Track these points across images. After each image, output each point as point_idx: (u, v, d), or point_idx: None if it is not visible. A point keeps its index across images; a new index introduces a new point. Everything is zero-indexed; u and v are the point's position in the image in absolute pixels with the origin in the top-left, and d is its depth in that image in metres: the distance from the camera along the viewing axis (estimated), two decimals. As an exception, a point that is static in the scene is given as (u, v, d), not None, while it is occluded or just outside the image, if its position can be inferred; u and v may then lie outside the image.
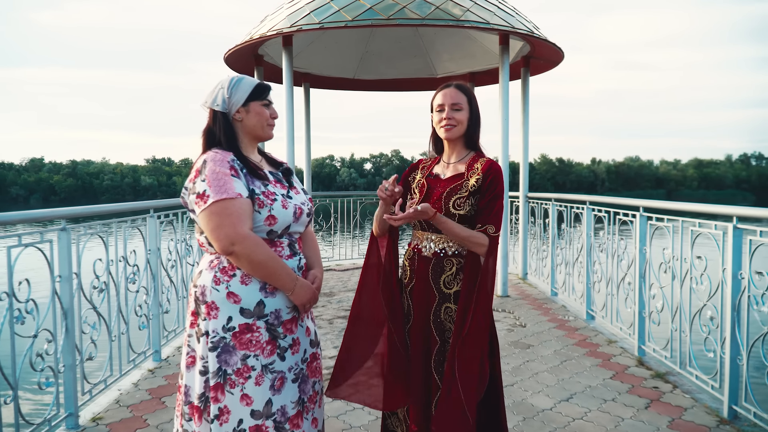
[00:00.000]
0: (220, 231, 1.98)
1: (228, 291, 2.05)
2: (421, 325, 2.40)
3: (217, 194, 1.99)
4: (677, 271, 4.02)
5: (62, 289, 3.23)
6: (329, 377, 2.47)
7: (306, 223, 2.24)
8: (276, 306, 2.08)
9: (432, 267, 2.40)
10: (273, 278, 2.05)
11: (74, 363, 3.31)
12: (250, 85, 2.17)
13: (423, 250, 2.43)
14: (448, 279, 2.38)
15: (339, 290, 7.24)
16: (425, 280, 2.41)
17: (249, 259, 1.99)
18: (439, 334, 2.37)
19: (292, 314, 2.13)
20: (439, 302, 2.38)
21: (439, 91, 2.48)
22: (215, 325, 2.04)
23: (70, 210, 3.35)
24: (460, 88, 2.45)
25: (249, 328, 2.04)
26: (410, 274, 2.47)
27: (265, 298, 2.06)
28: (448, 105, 2.41)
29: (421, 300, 2.41)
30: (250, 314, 2.04)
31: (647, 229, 4.48)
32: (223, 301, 2.04)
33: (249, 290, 2.05)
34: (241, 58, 7.61)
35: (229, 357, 2.03)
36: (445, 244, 2.38)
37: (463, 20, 6.09)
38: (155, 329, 4.43)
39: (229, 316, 2.04)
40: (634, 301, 4.62)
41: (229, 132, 2.16)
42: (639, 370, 4.24)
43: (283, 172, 2.30)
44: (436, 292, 2.38)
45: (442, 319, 2.37)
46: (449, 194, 2.38)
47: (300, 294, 2.10)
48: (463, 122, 2.43)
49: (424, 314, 2.40)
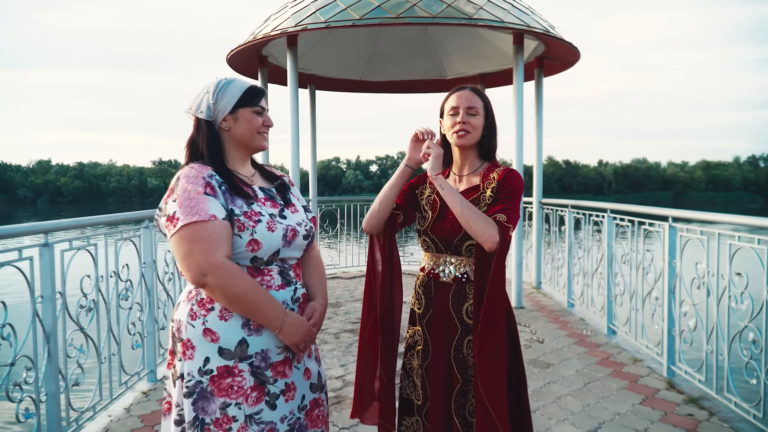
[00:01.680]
0: (190, 259, 1.69)
1: (204, 327, 1.75)
2: (441, 361, 2.10)
3: (187, 216, 1.70)
4: (713, 288, 3.71)
5: (44, 311, 2.94)
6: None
7: (303, 246, 1.93)
8: (263, 345, 1.77)
9: (452, 295, 2.11)
10: (255, 314, 1.74)
11: (58, 391, 3.02)
12: (239, 89, 1.87)
13: (441, 275, 2.14)
14: (470, 308, 2.08)
15: (346, 300, 6.95)
16: (445, 310, 2.12)
17: (224, 291, 1.70)
18: (460, 372, 2.08)
19: (284, 354, 1.82)
20: (461, 335, 2.09)
21: (452, 94, 2.20)
22: (191, 367, 1.75)
23: (53, 223, 3.06)
24: (476, 91, 2.21)
25: (229, 372, 1.74)
26: (426, 302, 2.18)
27: (249, 336, 1.76)
28: (464, 108, 2.13)
29: (440, 333, 2.12)
30: (230, 355, 1.74)
31: (677, 241, 4.16)
32: (199, 340, 1.75)
33: (229, 327, 1.75)
34: (244, 59, 7.33)
35: (207, 405, 1.73)
36: (467, 267, 2.09)
37: (476, 18, 5.80)
38: (150, 347, 4.14)
39: (206, 356, 1.74)
40: (662, 318, 4.31)
41: (213, 143, 1.87)
42: (670, 393, 3.93)
43: (278, 187, 1.98)
44: (458, 323, 2.09)
45: (464, 354, 2.08)
46: None
47: (290, 332, 1.78)
48: (478, 129, 2.15)
49: (445, 349, 2.10)
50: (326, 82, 9.18)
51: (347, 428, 3.35)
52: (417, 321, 2.22)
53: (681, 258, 4.11)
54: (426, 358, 2.16)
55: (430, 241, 2.17)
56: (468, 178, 2.19)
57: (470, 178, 2.19)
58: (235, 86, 1.88)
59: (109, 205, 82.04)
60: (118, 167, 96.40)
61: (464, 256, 2.09)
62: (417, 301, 2.23)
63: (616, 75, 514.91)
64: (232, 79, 1.91)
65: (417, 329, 2.22)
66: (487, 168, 2.18)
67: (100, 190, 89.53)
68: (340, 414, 3.55)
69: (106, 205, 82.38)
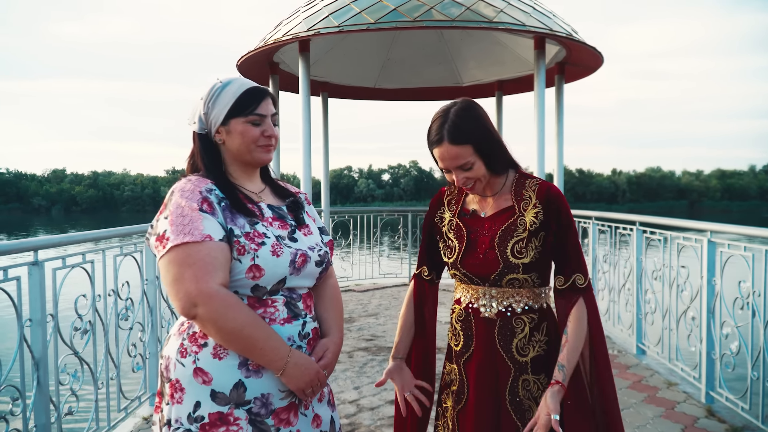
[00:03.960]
0: (179, 286, 1.44)
1: (195, 367, 1.50)
2: (484, 407, 1.81)
3: (178, 236, 1.46)
4: (759, 309, 3.41)
5: (33, 336, 2.70)
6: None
7: (315, 274, 1.66)
8: (263, 389, 1.52)
9: (498, 330, 1.81)
10: (253, 352, 1.48)
11: (49, 422, 2.78)
12: (232, 95, 1.60)
13: (482, 310, 1.83)
14: (521, 344, 1.80)
15: (359, 315, 6.68)
16: (491, 348, 1.82)
17: (217, 325, 1.45)
18: (518, 417, 1.79)
19: (289, 399, 1.56)
20: (515, 376, 1.80)
21: (433, 148, 1.79)
22: (179, 413, 1.50)
23: (45, 240, 2.83)
24: (453, 139, 1.73)
25: (223, 419, 1.48)
26: (465, 340, 1.88)
27: (247, 378, 1.50)
28: (454, 169, 1.76)
29: (485, 374, 1.82)
30: (225, 400, 1.49)
31: (717, 257, 3.86)
32: (189, 381, 1.50)
33: (223, 367, 1.50)
34: (255, 66, 7.11)
35: None
36: (512, 299, 1.80)
37: (496, 22, 5.54)
38: (153, 369, 3.88)
39: (196, 401, 1.49)
40: (699, 339, 4.01)
41: (209, 158, 1.62)
42: (710, 422, 3.62)
43: (290, 205, 1.72)
44: (510, 362, 1.80)
45: (521, 397, 1.79)
46: (503, 238, 1.78)
47: (295, 375, 1.52)
48: (481, 175, 1.77)
49: (490, 392, 1.81)
50: (339, 90, 8.96)
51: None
52: (454, 359, 1.94)
53: (721, 276, 3.82)
54: (460, 401, 1.88)
55: (462, 275, 1.86)
56: (496, 200, 1.86)
57: (499, 198, 1.86)
58: (227, 92, 1.61)
59: (122, 214, 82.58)
60: (132, 176, 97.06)
61: (506, 287, 1.80)
62: (454, 337, 1.94)
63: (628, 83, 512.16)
64: (228, 82, 1.64)
65: (453, 367, 1.94)
66: (516, 182, 1.85)
67: (114, 199, 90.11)
68: (355, 445, 3.28)
69: (119, 214, 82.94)
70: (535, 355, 1.80)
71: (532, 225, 1.77)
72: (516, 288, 1.80)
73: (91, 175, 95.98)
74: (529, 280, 1.79)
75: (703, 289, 3.94)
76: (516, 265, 1.75)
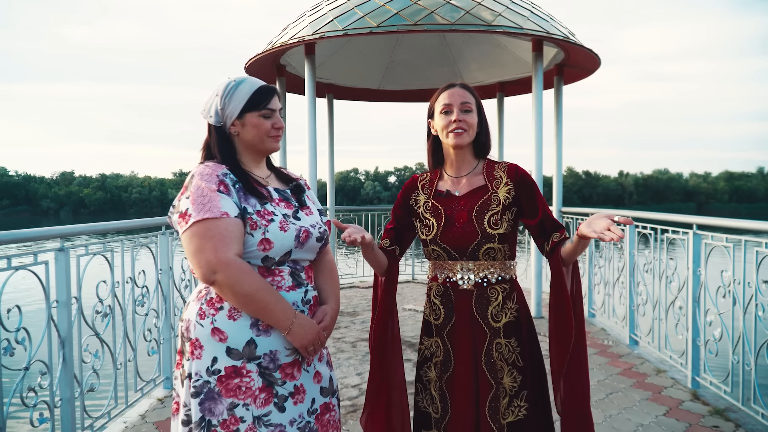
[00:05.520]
0: (200, 256, 1.68)
1: (213, 327, 1.73)
2: (467, 370, 2.05)
3: (199, 213, 1.70)
4: (739, 297, 3.61)
5: (59, 316, 2.94)
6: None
7: (316, 249, 1.90)
8: (271, 346, 1.75)
9: (475, 300, 2.05)
10: (264, 314, 1.72)
11: (73, 396, 3.01)
12: (246, 92, 1.84)
13: (460, 282, 2.07)
14: (495, 311, 2.05)
15: (363, 309, 6.90)
16: (469, 317, 2.06)
17: (233, 290, 1.68)
18: (492, 377, 2.02)
19: (294, 357, 1.79)
20: (490, 339, 2.04)
21: (442, 91, 2.12)
22: (198, 367, 1.73)
23: (69, 228, 3.06)
24: (467, 88, 2.12)
25: (237, 372, 1.72)
26: (445, 312, 2.11)
27: (257, 336, 1.74)
28: (457, 105, 2.05)
29: (465, 341, 2.06)
30: (238, 355, 1.72)
31: (702, 249, 4.06)
32: (207, 339, 1.73)
33: (237, 327, 1.73)
34: (263, 68, 7.35)
35: (214, 405, 1.70)
36: (486, 271, 2.04)
37: (494, 25, 5.76)
38: (166, 354, 4.12)
39: (214, 356, 1.72)
40: (686, 328, 4.21)
41: (224, 147, 1.86)
42: (694, 405, 3.82)
43: (293, 189, 1.96)
44: (486, 327, 2.04)
45: (494, 359, 2.03)
46: (480, 212, 2.03)
47: (299, 334, 1.75)
48: (474, 126, 2.08)
49: (471, 357, 2.05)
50: (344, 92, 9.19)
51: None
52: (435, 332, 2.15)
53: (706, 266, 4.02)
54: (446, 370, 2.09)
55: (441, 250, 2.09)
56: (469, 180, 2.12)
57: (471, 179, 2.12)
58: (242, 90, 1.85)
59: (130, 216, 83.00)
60: (140, 178, 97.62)
61: (482, 260, 2.04)
62: (433, 312, 2.16)
63: (634, 85, 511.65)
64: (241, 81, 1.87)
65: (435, 340, 2.15)
66: (487, 166, 2.13)
67: (121, 201, 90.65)
68: (356, 423, 3.49)
69: (127, 216, 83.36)
70: (507, 321, 2.05)
71: (505, 200, 2.04)
72: (490, 260, 2.04)
73: (99, 178, 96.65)
74: (502, 250, 2.04)
75: (689, 280, 4.14)
76: (492, 235, 2.01)
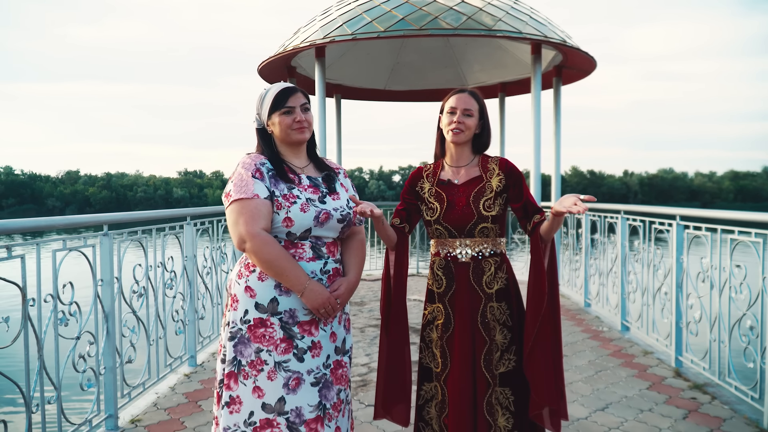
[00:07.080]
0: (235, 228, 2.11)
1: (246, 285, 2.16)
2: (465, 329, 2.44)
3: (237, 194, 2.12)
4: (716, 281, 3.96)
5: (104, 293, 3.31)
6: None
7: (338, 228, 2.26)
8: (290, 305, 2.15)
9: (472, 271, 2.46)
10: (281, 277, 2.11)
11: (114, 365, 3.38)
12: (270, 98, 2.25)
13: (459, 256, 2.47)
14: (488, 279, 2.45)
15: (370, 299, 7.26)
16: (467, 285, 2.46)
17: (258, 256, 2.09)
18: (486, 334, 2.43)
19: (310, 317, 2.18)
20: (484, 303, 2.44)
21: (452, 95, 2.53)
22: (234, 317, 2.16)
23: (112, 216, 3.45)
24: (473, 95, 2.51)
25: (263, 323, 2.13)
26: (447, 281, 2.50)
27: (280, 296, 2.14)
28: (460, 110, 2.46)
29: (464, 305, 2.45)
30: (264, 309, 2.13)
31: (684, 238, 4.41)
32: (242, 294, 2.16)
33: (264, 286, 2.14)
34: (275, 70, 7.73)
35: (244, 348, 2.13)
36: (481, 246, 2.45)
37: (495, 30, 6.11)
38: (191, 335, 4.50)
39: (246, 309, 2.14)
40: (670, 312, 4.55)
41: (264, 142, 2.30)
42: (676, 381, 4.17)
43: (324, 177, 2.33)
44: (481, 293, 2.45)
45: (488, 319, 2.44)
46: (476, 198, 2.44)
47: (310, 297, 2.12)
48: (471, 128, 2.48)
49: (469, 318, 2.44)
50: (351, 92, 9.56)
51: (372, 405, 3.65)
52: (437, 299, 2.53)
53: (688, 254, 4.37)
54: (447, 330, 2.48)
55: (443, 229, 2.48)
56: (467, 170, 2.53)
57: (468, 169, 2.53)
58: (268, 96, 2.26)
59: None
60: (145, 177, 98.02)
61: (477, 237, 2.43)
62: (436, 282, 2.54)
63: (639, 85, 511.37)
64: (268, 89, 2.28)
65: (437, 306, 2.52)
66: (482, 159, 2.54)
67: (127, 200, 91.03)
68: (366, 394, 3.86)
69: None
70: (498, 288, 2.46)
71: (497, 188, 2.45)
72: (484, 237, 2.45)
73: (104, 176, 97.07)
74: (494, 229, 2.45)
75: (673, 267, 4.48)
76: (486, 216, 2.42)
